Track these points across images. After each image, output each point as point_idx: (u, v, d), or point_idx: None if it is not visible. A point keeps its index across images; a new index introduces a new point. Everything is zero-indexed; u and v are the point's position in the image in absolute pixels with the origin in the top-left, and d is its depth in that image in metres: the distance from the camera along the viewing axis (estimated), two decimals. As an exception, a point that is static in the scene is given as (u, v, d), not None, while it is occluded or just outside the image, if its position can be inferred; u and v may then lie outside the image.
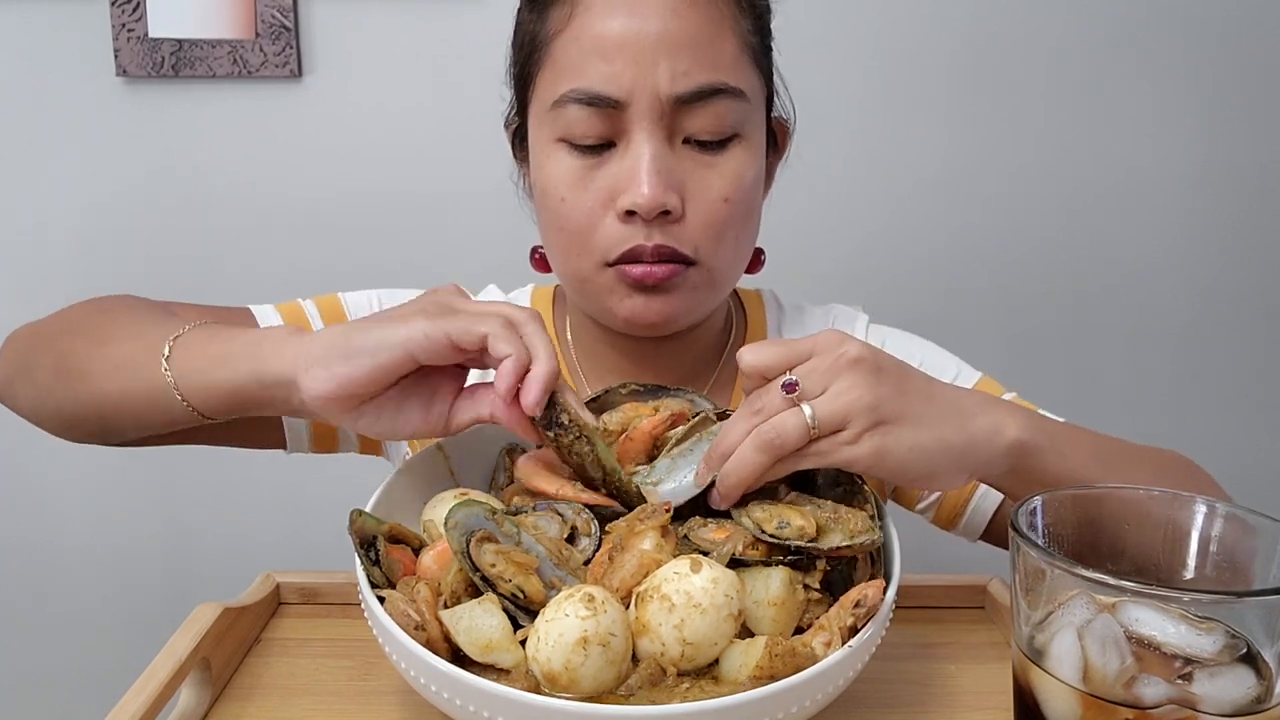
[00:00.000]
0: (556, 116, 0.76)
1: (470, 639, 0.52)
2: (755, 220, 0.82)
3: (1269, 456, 1.68)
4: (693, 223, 0.76)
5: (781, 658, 0.51)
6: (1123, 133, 1.57)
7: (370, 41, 1.51)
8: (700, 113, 0.74)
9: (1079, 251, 1.61)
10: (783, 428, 0.58)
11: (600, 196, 0.76)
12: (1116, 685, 0.46)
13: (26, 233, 1.56)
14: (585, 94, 0.74)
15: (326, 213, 1.56)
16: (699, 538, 0.58)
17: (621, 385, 0.70)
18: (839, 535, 0.58)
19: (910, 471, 0.60)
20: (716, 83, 0.74)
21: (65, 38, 1.50)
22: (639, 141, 0.74)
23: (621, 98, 0.73)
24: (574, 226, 0.77)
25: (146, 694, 0.55)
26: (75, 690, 1.66)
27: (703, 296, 0.80)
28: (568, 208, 0.77)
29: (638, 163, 0.74)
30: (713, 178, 0.76)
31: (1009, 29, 1.53)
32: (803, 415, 0.58)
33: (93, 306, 0.79)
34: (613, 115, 0.74)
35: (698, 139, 0.76)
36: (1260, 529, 0.51)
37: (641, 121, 0.74)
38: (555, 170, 0.77)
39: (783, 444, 0.58)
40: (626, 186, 0.74)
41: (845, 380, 0.59)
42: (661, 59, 0.73)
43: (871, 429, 0.59)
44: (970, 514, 0.88)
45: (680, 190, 0.75)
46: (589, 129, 0.75)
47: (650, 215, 0.74)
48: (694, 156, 0.76)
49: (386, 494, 0.64)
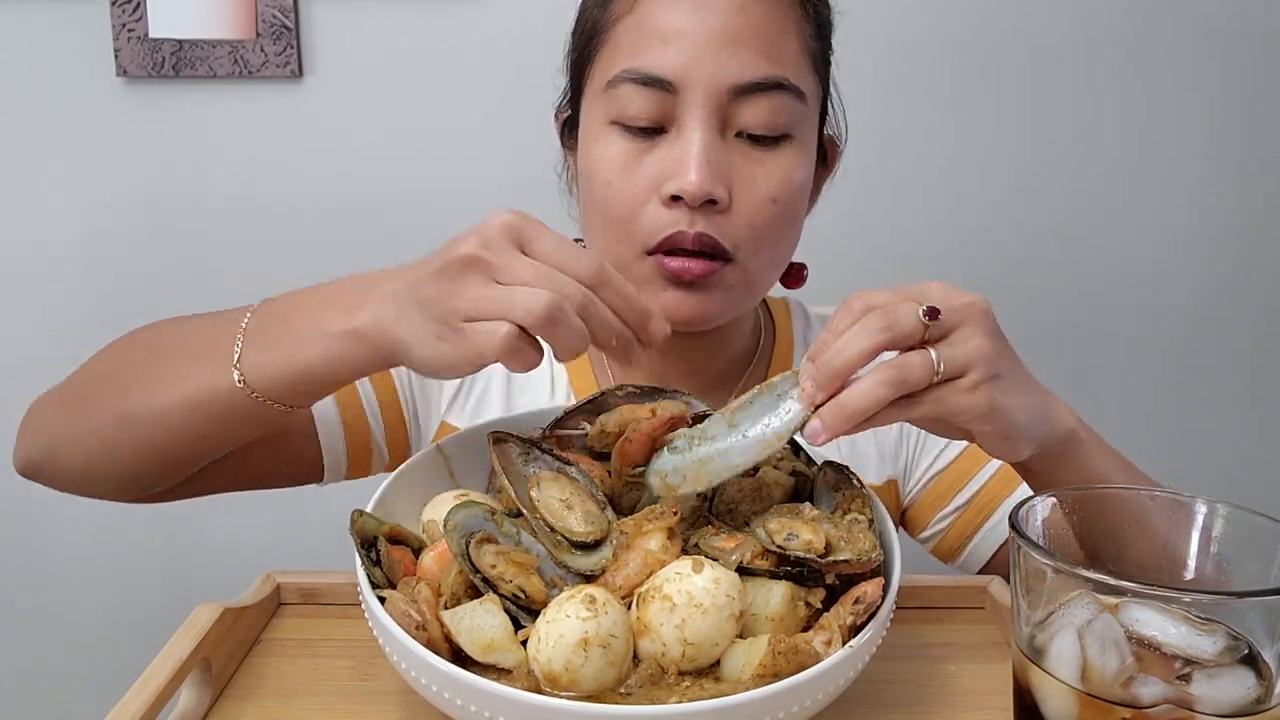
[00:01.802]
0: (610, 98, 0.75)
1: (472, 639, 0.52)
2: (797, 229, 0.81)
3: (1270, 456, 1.68)
4: (737, 218, 0.75)
5: (785, 655, 0.51)
6: (1127, 132, 1.57)
7: (370, 41, 1.51)
8: (756, 106, 0.74)
9: (1084, 251, 1.61)
10: (908, 367, 0.56)
11: (647, 182, 0.75)
12: (1114, 685, 0.46)
13: (26, 233, 1.56)
14: (639, 74, 0.74)
15: (327, 213, 1.56)
16: (709, 546, 0.58)
17: (618, 388, 0.70)
18: (847, 553, 0.57)
19: (1010, 430, 0.60)
20: (776, 76, 0.74)
21: (65, 38, 1.50)
22: (690, 128, 0.73)
23: (675, 80, 0.73)
24: (617, 212, 0.76)
25: (147, 694, 0.55)
26: (75, 690, 1.66)
27: (737, 297, 0.79)
28: (613, 192, 0.76)
29: (688, 149, 0.73)
30: (761, 175, 0.75)
31: (1014, 30, 1.53)
32: (929, 357, 0.56)
33: (126, 345, 0.77)
34: (665, 99, 0.73)
35: (750, 133, 0.75)
36: (1260, 529, 0.51)
37: (694, 108, 0.73)
38: (603, 153, 0.76)
39: (906, 383, 0.56)
40: (674, 172, 0.73)
41: (970, 327, 0.58)
42: (723, 48, 0.73)
43: (988, 381, 0.58)
44: (972, 549, 0.88)
45: (728, 183, 0.74)
46: (641, 109, 0.74)
47: (696, 202, 0.73)
48: (745, 151, 0.75)
49: (386, 495, 0.64)
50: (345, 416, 0.85)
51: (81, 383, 0.76)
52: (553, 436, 0.70)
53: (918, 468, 0.90)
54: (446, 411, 0.90)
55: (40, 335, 1.57)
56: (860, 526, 0.60)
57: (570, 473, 0.62)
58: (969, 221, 1.58)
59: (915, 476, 0.91)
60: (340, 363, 0.62)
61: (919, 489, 0.90)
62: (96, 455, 0.73)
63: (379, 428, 0.87)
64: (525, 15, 1.49)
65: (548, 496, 0.60)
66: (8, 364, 1.57)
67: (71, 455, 0.74)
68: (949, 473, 0.89)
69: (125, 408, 0.70)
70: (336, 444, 0.86)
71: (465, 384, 0.90)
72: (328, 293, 0.65)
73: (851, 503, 0.63)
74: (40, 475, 0.78)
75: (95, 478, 0.75)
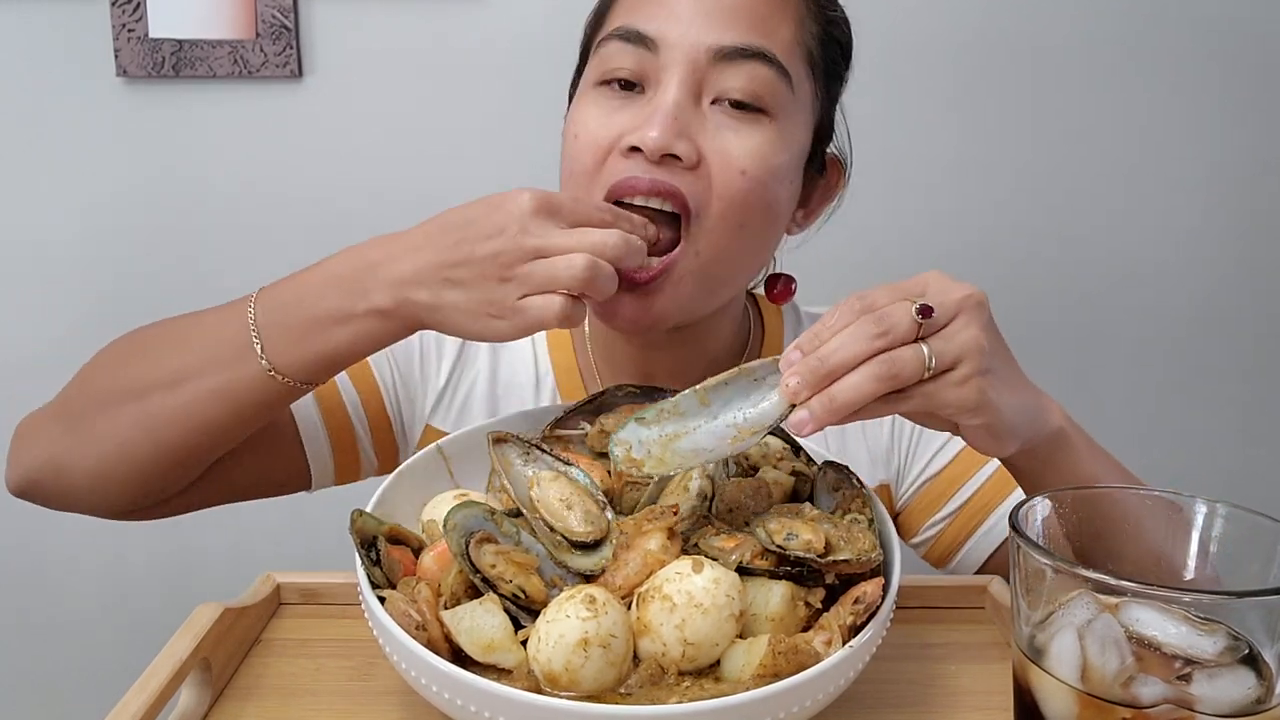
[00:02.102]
0: (599, 58, 0.76)
1: (472, 639, 0.52)
2: (770, 223, 0.78)
3: (1270, 457, 1.68)
4: (703, 180, 0.73)
5: (785, 655, 0.51)
6: (1129, 133, 1.57)
7: (370, 41, 1.51)
8: (735, 71, 0.73)
9: (1085, 252, 1.61)
10: (900, 362, 0.56)
11: (612, 135, 0.74)
12: (1114, 685, 0.46)
13: (26, 232, 1.56)
14: (623, 29, 0.74)
15: (326, 212, 1.56)
16: (709, 546, 0.58)
17: (618, 387, 0.70)
18: (846, 553, 0.57)
19: (997, 425, 0.60)
20: (759, 46, 0.73)
21: (65, 38, 1.50)
22: (665, 85, 0.73)
23: (656, 37, 0.73)
24: (580, 164, 0.75)
25: (147, 694, 0.55)
26: (75, 690, 1.66)
27: (690, 292, 0.75)
28: (578, 144, 0.75)
29: (657, 104, 0.72)
30: (734, 143, 0.73)
31: (1017, 32, 1.53)
32: (921, 353, 0.57)
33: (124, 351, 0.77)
34: (646, 57, 0.73)
35: (728, 98, 0.73)
36: (1260, 529, 0.51)
37: (672, 67, 0.73)
38: (584, 112, 0.76)
39: (897, 378, 0.56)
40: (638, 123, 0.72)
41: (964, 319, 0.58)
42: (710, 13, 0.73)
43: (979, 375, 0.58)
44: (964, 556, 0.88)
45: (696, 144, 0.73)
46: (622, 64, 0.74)
47: (654, 156, 0.71)
48: (719, 118, 0.74)
49: (386, 495, 0.64)
50: (329, 422, 0.86)
51: (83, 394, 0.76)
52: (553, 436, 0.70)
53: (910, 473, 0.90)
54: (431, 414, 0.90)
55: (40, 335, 1.57)
56: (860, 526, 0.60)
57: (570, 473, 0.62)
58: (971, 223, 1.58)
59: (908, 482, 0.90)
60: (368, 340, 0.67)
61: (911, 494, 0.90)
62: (113, 462, 0.73)
63: (363, 430, 0.88)
64: (525, 15, 1.49)
65: (548, 496, 0.60)
66: (8, 364, 1.57)
67: (81, 467, 0.74)
68: (941, 479, 0.89)
69: (147, 409, 0.71)
70: (322, 450, 0.86)
71: (450, 387, 0.90)
72: (325, 275, 0.68)
73: (851, 503, 0.63)
74: (39, 493, 0.78)
75: (105, 487, 0.75)
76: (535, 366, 0.91)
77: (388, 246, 0.67)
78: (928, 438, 0.90)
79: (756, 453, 0.67)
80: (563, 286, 0.62)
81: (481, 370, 0.91)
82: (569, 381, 0.90)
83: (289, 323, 0.68)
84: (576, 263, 0.62)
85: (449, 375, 0.90)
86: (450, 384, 0.90)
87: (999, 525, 0.86)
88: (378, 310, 0.66)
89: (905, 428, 0.90)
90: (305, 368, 0.69)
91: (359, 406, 0.87)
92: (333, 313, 0.67)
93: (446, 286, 0.64)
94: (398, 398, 0.89)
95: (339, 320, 0.67)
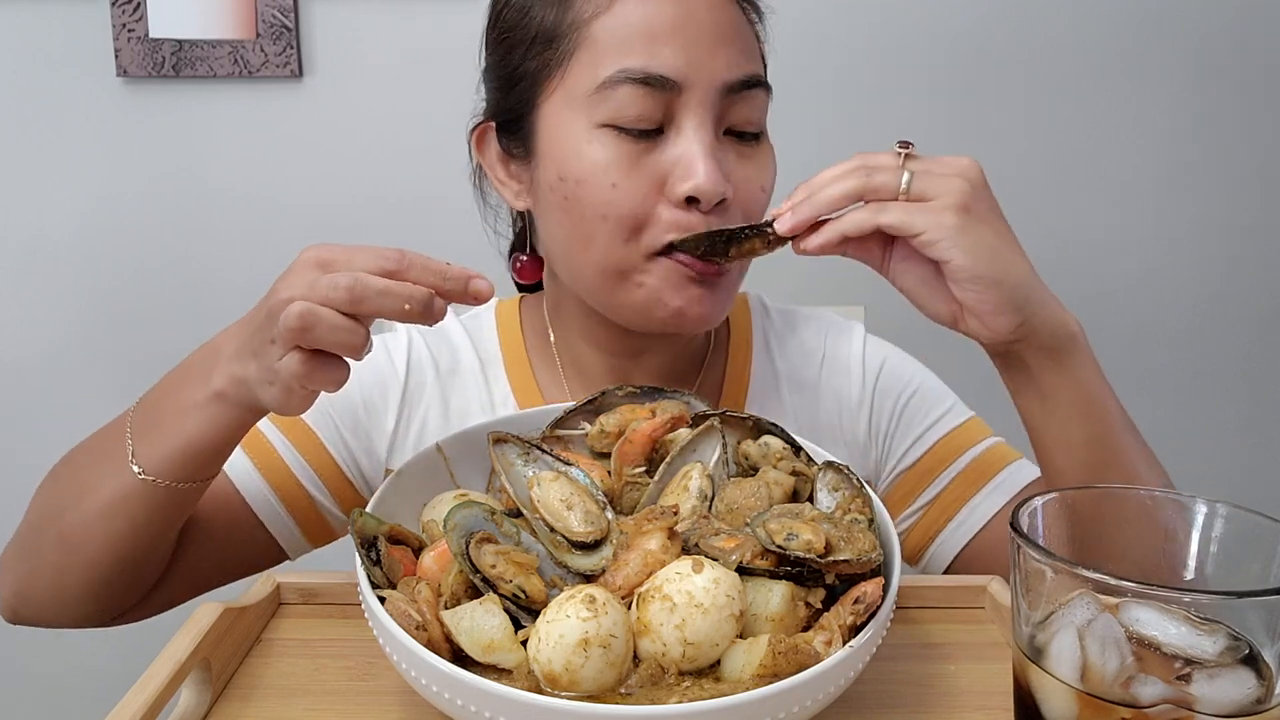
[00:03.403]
0: (603, 99, 0.73)
1: (472, 639, 0.52)
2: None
3: (1269, 457, 1.68)
4: (735, 213, 0.76)
5: (785, 655, 0.51)
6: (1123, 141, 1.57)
7: (370, 41, 1.51)
8: (743, 104, 0.75)
9: (1080, 254, 1.61)
10: (874, 159, 0.63)
11: (651, 182, 0.74)
12: (1114, 685, 0.46)
13: (27, 232, 1.57)
14: (640, 73, 0.72)
15: (326, 212, 1.56)
16: (709, 546, 0.58)
17: (618, 387, 0.70)
18: (846, 554, 0.57)
19: (980, 264, 0.64)
20: (757, 74, 0.76)
21: (65, 38, 1.50)
22: (693, 127, 0.73)
23: (679, 79, 0.72)
24: (623, 212, 0.74)
25: (147, 694, 0.55)
26: (75, 690, 1.66)
27: (735, 294, 0.81)
28: (619, 194, 0.73)
29: (695, 148, 0.73)
30: (752, 169, 0.77)
31: (1008, 30, 1.53)
32: (899, 170, 0.63)
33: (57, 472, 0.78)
34: (667, 98, 0.73)
35: (737, 130, 0.76)
36: (1260, 529, 0.51)
37: (696, 106, 0.73)
38: (600, 156, 0.73)
39: (871, 172, 0.62)
40: (685, 173, 0.73)
41: (950, 170, 0.64)
42: (718, 46, 0.73)
43: (958, 208, 0.63)
44: (934, 552, 0.88)
45: (729, 179, 0.75)
46: (643, 111, 0.73)
47: (711, 202, 0.73)
48: (735, 148, 0.77)
49: (386, 495, 0.64)
50: (284, 497, 0.84)
51: (28, 521, 0.77)
52: (553, 436, 0.70)
53: (885, 465, 0.90)
54: (389, 458, 0.87)
55: (40, 335, 1.57)
56: (860, 526, 0.60)
57: (570, 473, 0.62)
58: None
59: (884, 475, 0.91)
60: (215, 426, 0.66)
61: (885, 487, 0.91)
62: (54, 586, 0.74)
63: (323, 496, 0.85)
64: (525, 15, 1.48)
65: (548, 496, 0.60)
66: (8, 364, 1.57)
67: (36, 593, 0.76)
68: (914, 471, 0.89)
69: (61, 530, 0.72)
70: (285, 525, 0.84)
71: (400, 428, 0.87)
72: (185, 368, 0.68)
73: (851, 503, 0.63)
74: (26, 619, 0.79)
75: (67, 606, 0.76)
76: (489, 392, 0.88)
77: (231, 328, 0.66)
78: (905, 427, 0.90)
79: (757, 453, 0.67)
80: (286, 341, 0.58)
81: (432, 404, 0.88)
82: (529, 401, 0.88)
83: (150, 422, 0.68)
84: (293, 311, 0.56)
85: (396, 416, 0.87)
86: (400, 424, 0.87)
87: (970, 518, 0.86)
88: (217, 393, 0.64)
89: (883, 416, 0.90)
90: (169, 464, 0.67)
91: (310, 473, 0.84)
92: (183, 403, 0.66)
93: (249, 359, 0.62)
94: (350, 452, 0.86)
95: (188, 410, 0.66)
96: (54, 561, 0.73)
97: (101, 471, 0.70)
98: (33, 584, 0.76)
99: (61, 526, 0.72)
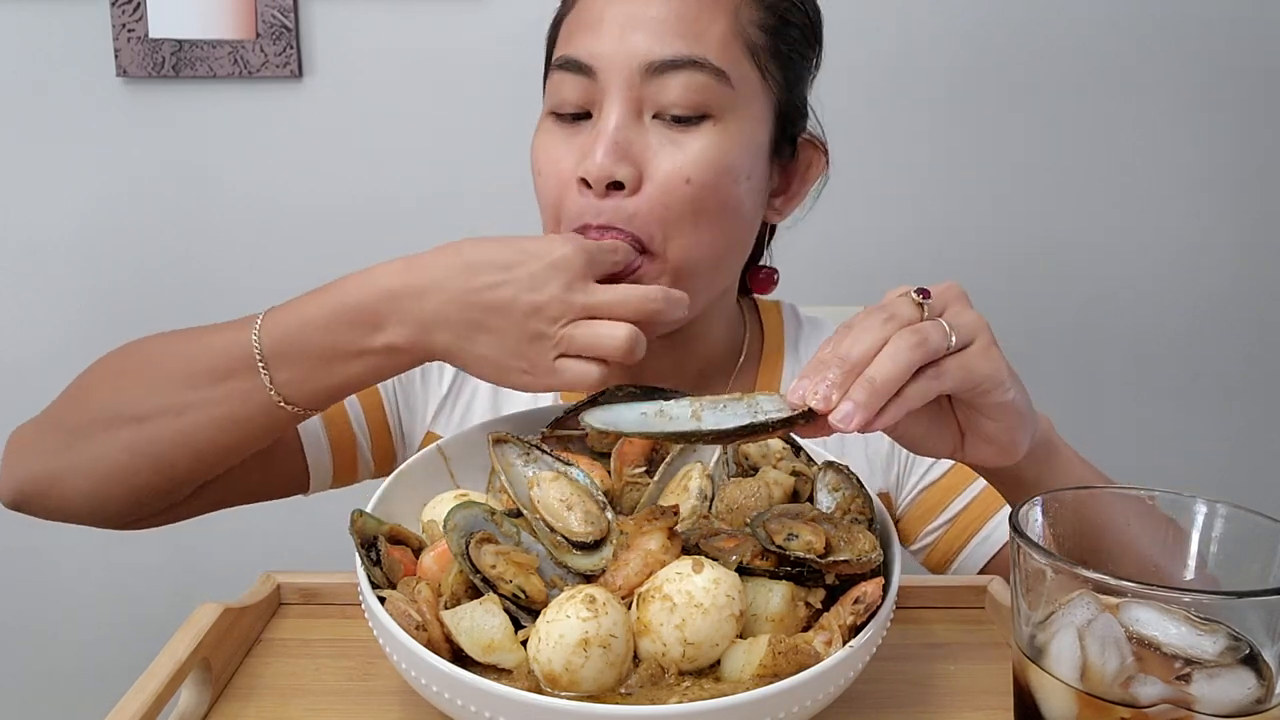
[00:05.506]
0: (550, 88, 0.77)
1: (472, 639, 0.52)
2: (729, 217, 0.77)
3: (1270, 458, 1.68)
4: (647, 200, 0.73)
5: (785, 655, 0.51)
6: (1124, 144, 1.57)
7: (370, 41, 1.51)
8: (670, 84, 0.72)
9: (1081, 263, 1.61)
10: (924, 330, 0.54)
11: (567, 167, 0.74)
12: (1114, 685, 0.46)
13: (26, 232, 1.56)
14: (564, 59, 0.75)
15: (327, 212, 1.56)
16: (709, 546, 0.58)
17: (618, 388, 0.70)
18: (846, 554, 0.57)
19: (1023, 404, 0.59)
20: (691, 55, 0.73)
21: (65, 38, 1.50)
22: (606, 109, 0.73)
23: (592, 64, 0.73)
24: (547, 199, 0.77)
25: (146, 694, 0.55)
26: (75, 690, 1.66)
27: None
28: (543, 180, 0.77)
29: (598, 130, 0.73)
30: (677, 155, 0.73)
31: (1008, 34, 1.53)
32: (941, 324, 0.55)
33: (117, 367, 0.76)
34: (588, 84, 0.74)
35: (669, 113, 0.73)
36: (1260, 529, 0.51)
37: (610, 89, 0.73)
38: (538, 143, 0.78)
39: (926, 344, 0.54)
40: (582, 156, 0.73)
41: (956, 306, 0.58)
42: (635, 29, 0.73)
43: (995, 345, 0.57)
44: (961, 562, 0.88)
45: (638, 163, 0.73)
46: (568, 95, 0.75)
47: (600, 185, 0.72)
48: (661, 132, 0.74)
49: (387, 495, 0.64)
50: (331, 432, 0.87)
51: (81, 409, 0.75)
52: (553, 436, 0.70)
53: (909, 480, 0.90)
54: (432, 422, 0.91)
55: (40, 335, 1.57)
56: (860, 527, 0.60)
57: (570, 473, 0.62)
58: (967, 233, 1.58)
59: (906, 489, 0.90)
60: (379, 374, 0.67)
61: (909, 502, 0.90)
62: (111, 483, 0.73)
63: (365, 439, 0.89)
64: (525, 15, 1.48)
65: (548, 496, 0.60)
66: (8, 364, 1.57)
67: (78, 485, 0.74)
68: (938, 487, 0.89)
69: (148, 435, 0.71)
70: (322, 458, 0.87)
71: (451, 395, 0.91)
72: (342, 305, 0.66)
73: (851, 503, 0.63)
74: (33, 506, 0.77)
75: (102, 504, 0.74)
76: None
77: (405, 275, 0.65)
78: None
79: (757, 452, 0.67)
80: (603, 354, 0.63)
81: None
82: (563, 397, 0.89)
83: (297, 354, 0.67)
84: (620, 334, 0.62)
85: (451, 384, 0.91)
86: (452, 392, 0.91)
87: (995, 533, 0.86)
88: (392, 346, 0.65)
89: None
90: (314, 399, 0.68)
91: (362, 418, 0.88)
92: (345, 346, 0.65)
93: (476, 331, 0.63)
94: (398, 406, 0.90)
95: (352, 355, 0.66)
96: (113, 459, 0.72)
97: (219, 387, 0.68)
98: (68, 476, 0.74)
99: (149, 431, 0.70)
